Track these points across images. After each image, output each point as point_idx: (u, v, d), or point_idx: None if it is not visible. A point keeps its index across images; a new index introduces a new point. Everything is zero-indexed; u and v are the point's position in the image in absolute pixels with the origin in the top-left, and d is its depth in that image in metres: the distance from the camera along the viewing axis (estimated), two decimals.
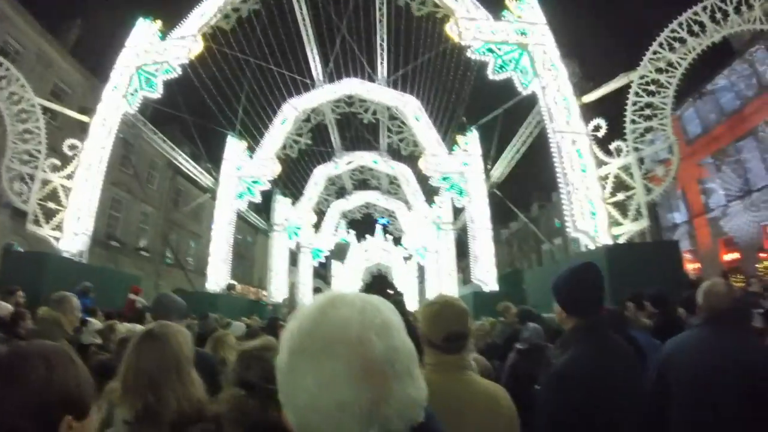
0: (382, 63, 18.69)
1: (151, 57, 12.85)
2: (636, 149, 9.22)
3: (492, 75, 11.72)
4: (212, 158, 18.39)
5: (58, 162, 11.17)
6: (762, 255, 16.89)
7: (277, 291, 21.05)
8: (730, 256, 18.60)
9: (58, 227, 10.85)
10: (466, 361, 1.74)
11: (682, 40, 8.95)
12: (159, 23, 13.42)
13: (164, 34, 13.39)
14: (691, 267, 18.82)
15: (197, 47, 13.24)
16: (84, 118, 12.17)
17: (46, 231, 10.69)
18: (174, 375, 1.76)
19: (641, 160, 9.20)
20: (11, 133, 10.49)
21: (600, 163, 9.70)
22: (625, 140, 9.37)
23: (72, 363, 0.95)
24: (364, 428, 0.63)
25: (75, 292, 4.86)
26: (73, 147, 11.51)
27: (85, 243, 11.24)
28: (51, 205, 10.88)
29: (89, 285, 7.44)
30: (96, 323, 4.85)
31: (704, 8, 8.71)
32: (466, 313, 1.77)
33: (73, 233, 10.91)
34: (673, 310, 3.52)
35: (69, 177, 11.23)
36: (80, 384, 0.94)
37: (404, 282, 28.82)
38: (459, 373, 1.66)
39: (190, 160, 17.59)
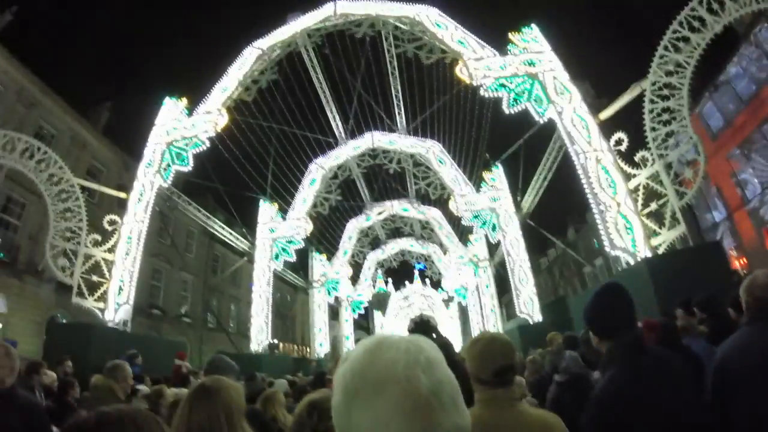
0: (399, 113, 19.13)
1: (179, 133, 13.49)
2: (661, 156, 9.01)
3: (507, 110, 11.75)
4: (246, 222, 18.89)
5: (98, 237, 11.65)
6: None
7: (320, 347, 20.99)
8: None
9: (102, 299, 11.25)
10: (516, 393, 1.76)
11: (686, 39, 8.83)
12: (184, 101, 14.19)
13: (190, 110, 14.08)
14: (738, 264, 17.77)
15: (223, 120, 13.89)
16: (121, 194, 12.85)
17: (90, 303, 11.09)
18: (225, 428, 1.76)
19: (669, 166, 8.94)
20: (53, 212, 11.01)
21: (628, 177, 9.53)
22: (649, 149, 9.19)
23: (158, 426, 0.98)
24: None
25: (123, 359, 4.98)
26: (112, 222, 12.13)
27: (128, 313, 11.58)
28: (94, 278, 11.32)
29: (135, 352, 7.57)
30: (144, 389, 4.94)
31: (700, 2, 8.61)
32: (512, 345, 1.81)
33: (116, 304, 11.31)
34: (723, 312, 3.35)
35: (110, 251, 11.72)
36: None
37: (447, 325, 28.25)
38: (510, 406, 1.67)
39: (225, 227, 18.05)
